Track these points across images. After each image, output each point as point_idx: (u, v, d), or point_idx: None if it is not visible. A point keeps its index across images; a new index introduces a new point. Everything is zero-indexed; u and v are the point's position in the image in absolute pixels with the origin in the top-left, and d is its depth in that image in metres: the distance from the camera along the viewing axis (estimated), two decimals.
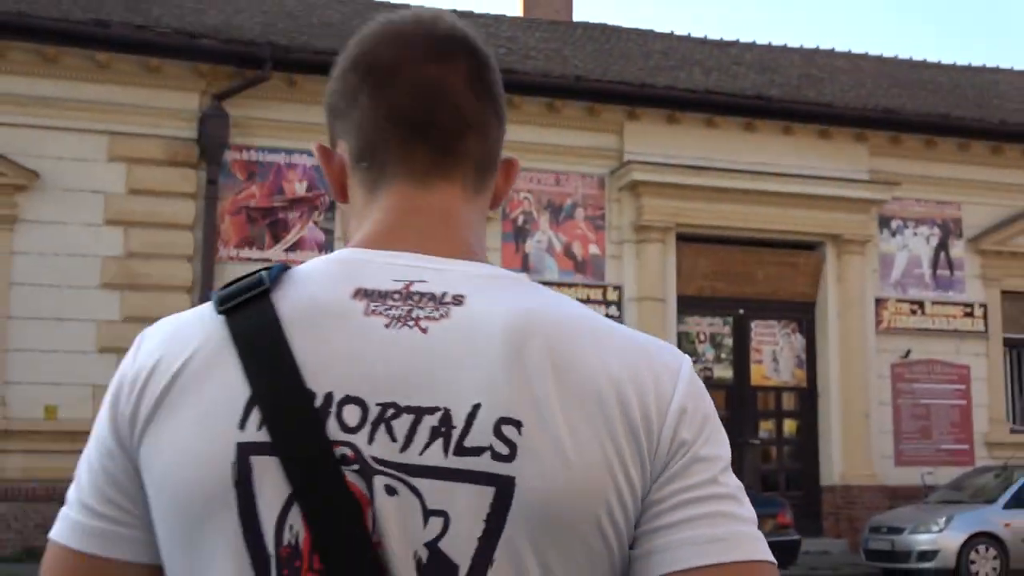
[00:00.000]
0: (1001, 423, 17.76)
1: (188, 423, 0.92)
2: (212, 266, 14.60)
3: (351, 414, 0.90)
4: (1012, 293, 18.24)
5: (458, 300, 0.96)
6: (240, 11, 16.61)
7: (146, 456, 0.94)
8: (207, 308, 0.99)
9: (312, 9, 17.72)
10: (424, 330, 0.93)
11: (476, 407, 0.90)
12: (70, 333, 13.90)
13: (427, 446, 0.89)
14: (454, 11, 13.98)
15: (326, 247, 15.16)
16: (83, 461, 1.00)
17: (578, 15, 20.99)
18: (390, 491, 0.88)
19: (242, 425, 0.90)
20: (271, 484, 0.89)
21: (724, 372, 17.06)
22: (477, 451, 0.89)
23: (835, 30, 70.47)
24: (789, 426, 17.42)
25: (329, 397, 0.91)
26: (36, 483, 13.55)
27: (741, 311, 17.14)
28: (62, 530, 0.99)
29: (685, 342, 16.75)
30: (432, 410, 0.90)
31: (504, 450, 0.89)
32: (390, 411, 0.91)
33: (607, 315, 14.18)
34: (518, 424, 0.89)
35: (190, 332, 0.98)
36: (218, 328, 0.96)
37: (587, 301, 15.94)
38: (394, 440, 0.90)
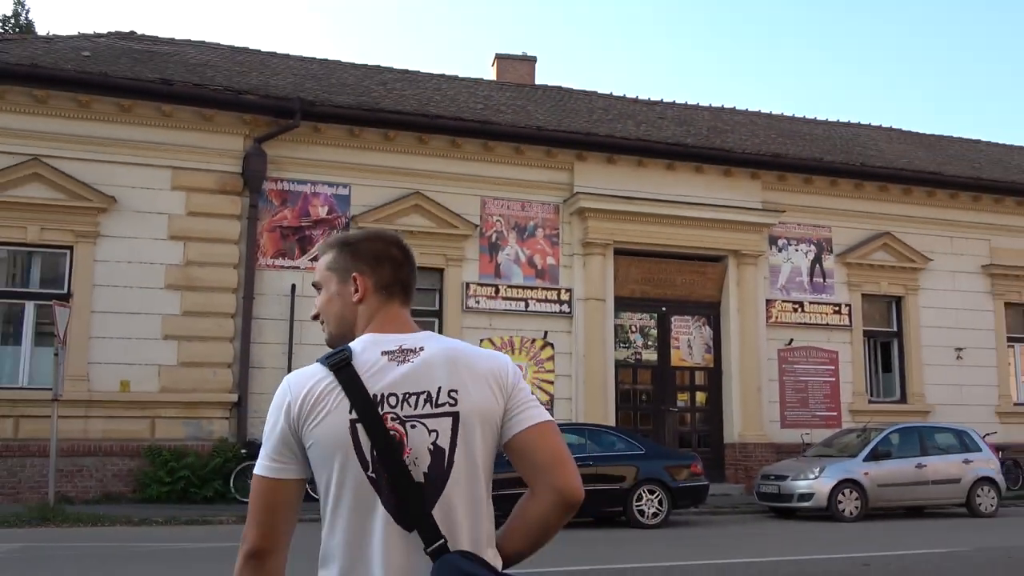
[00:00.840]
0: (862, 395, 17.92)
1: (327, 416, 1.60)
2: (253, 272, 14.50)
3: (392, 399, 1.62)
4: (870, 296, 18.43)
5: (421, 348, 1.69)
6: (276, 74, 16.57)
7: (306, 432, 1.61)
8: (322, 367, 1.65)
9: (332, 72, 17.69)
10: (412, 362, 1.66)
11: (440, 388, 1.64)
12: (140, 324, 13.78)
13: (424, 405, 1.63)
14: (443, 75, 13.99)
15: None
16: (266, 439, 1.66)
17: (539, 80, 20.99)
18: (412, 426, 1.61)
19: (350, 412, 1.60)
20: (362, 434, 1.59)
21: (650, 356, 17.10)
22: (443, 404, 1.64)
23: (736, 92, 71.12)
24: (700, 397, 17.48)
25: (380, 395, 1.62)
26: (113, 442, 13.45)
27: (663, 308, 17.19)
28: (260, 469, 1.64)
29: (620, 332, 16.78)
30: (423, 392, 1.64)
31: (453, 402, 1.64)
32: (406, 395, 1.63)
33: (560, 312, 14.28)
34: (456, 391, 1.64)
35: (319, 378, 1.64)
36: (331, 377, 1.63)
37: (545, 301, 15.98)
38: (410, 406, 1.63)
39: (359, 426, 1.57)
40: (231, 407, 14.08)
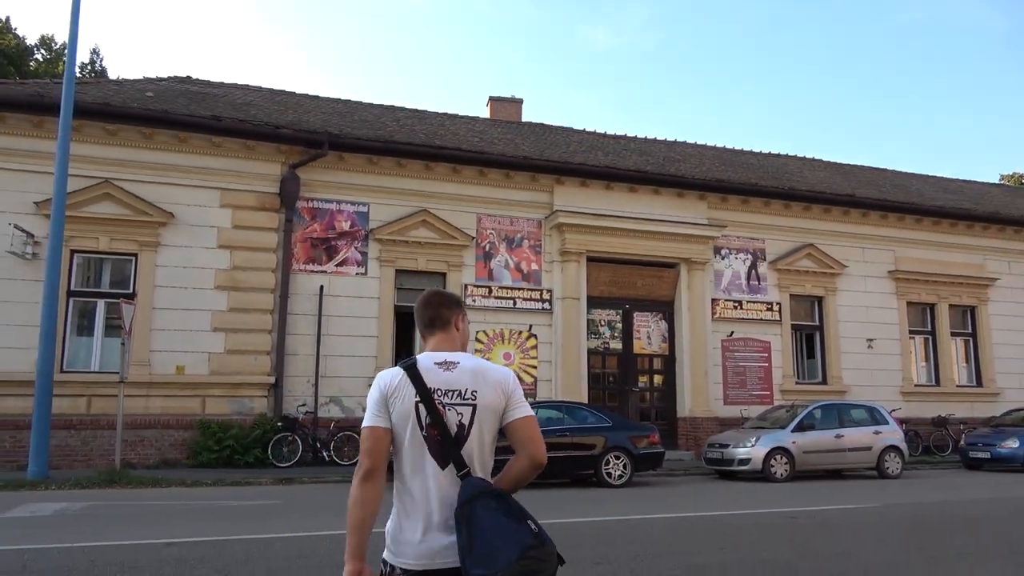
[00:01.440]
0: (790, 378, 17.88)
1: (402, 397, 2.14)
2: (288, 276, 14.36)
3: (439, 392, 2.14)
4: (797, 296, 18.40)
5: (458, 363, 2.20)
6: (308, 112, 16.44)
7: (391, 404, 2.15)
8: (400, 368, 2.19)
9: (354, 111, 17.57)
10: (452, 371, 2.18)
11: (467, 388, 2.16)
12: (193, 318, 13.62)
13: (456, 398, 2.15)
14: (446, 113, 13.87)
15: (363, 263, 14.97)
16: (370, 405, 2.18)
17: (525, 117, 20.95)
18: (449, 409, 2.14)
19: (416, 396, 2.13)
20: (422, 409, 2.13)
21: (616, 345, 17.01)
22: (468, 398, 2.16)
23: (687, 127, 71.35)
24: (657, 379, 17.38)
25: (435, 389, 2.15)
26: (170, 417, 13.30)
27: (627, 306, 17.11)
28: (368, 422, 2.16)
29: (592, 326, 16.70)
30: (456, 390, 2.16)
31: (473, 398, 2.16)
32: (447, 390, 2.15)
33: (542, 309, 14.14)
34: (476, 392, 2.17)
35: (398, 375, 2.18)
36: (404, 374, 2.16)
37: (529, 299, 15.90)
38: (449, 397, 2.15)
39: (420, 404, 2.14)
40: (269, 387, 13.93)
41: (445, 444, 2.10)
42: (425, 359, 2.20)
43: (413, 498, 2.12)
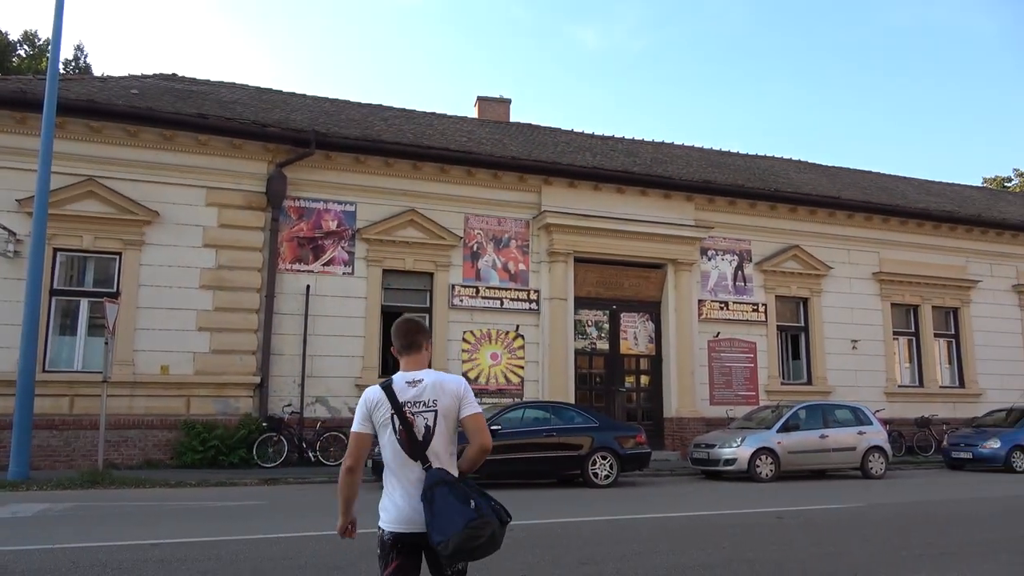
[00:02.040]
0: (775, 378, 17.96)
1: (382, 411, 2.80)
2: (275, 275, 14.27)
3: (409, 404, 2.78)
4: (782, 297, 18.50)
5: (422, 379, 2.82)
6: (295, 110, 16.34)
7: (374, 416, 2.81)
8: (379, 387, 2.82)
9: (342, 110, 17.47)
10: (417, 387, 2.81)
11: (430, 398, 2.80)
12: (178, 318, 13.51)
13: (422, 407, 2.79)
14: (433, 113, 13.78)
15: (349, 263, 14.90)
16: (357, 415, 2.84)
17: (513, 118, 20.91)
18: (416, 416, 2.78)
19: (391, 409, 2.78)
20: (396, 419, 2.77)
21: (603, 345, 17.03)
22: (431, 406, 2.80)
23: (674, 129, 71.66)
24: (644, 380, 17.42)
25: (405, 402, 2.79)
26: (153, 417, 13.18)
27: (614, 306, 17.14)
28: (355, 427, 2.83)
29: (579, 326, 16.71)
30: (421, 401, 2.80)
31: (435, 405, 2.80)
32: (415, 402, 2.79)
33: (529, 309, 14.12)
34: (437, 400, 2.81)
35: (377, 392, 2.82)
36: (384, 392, 2.80)
37: (517, 300, 15.89)
38: (416, 407, 2.79)
39: (394, 416, 2.77)
40: (254, 388, 13.84)
41: (414, 444, 2.76)
42: (398, 379, 2.85)
43: (393, 483, 2.82)
